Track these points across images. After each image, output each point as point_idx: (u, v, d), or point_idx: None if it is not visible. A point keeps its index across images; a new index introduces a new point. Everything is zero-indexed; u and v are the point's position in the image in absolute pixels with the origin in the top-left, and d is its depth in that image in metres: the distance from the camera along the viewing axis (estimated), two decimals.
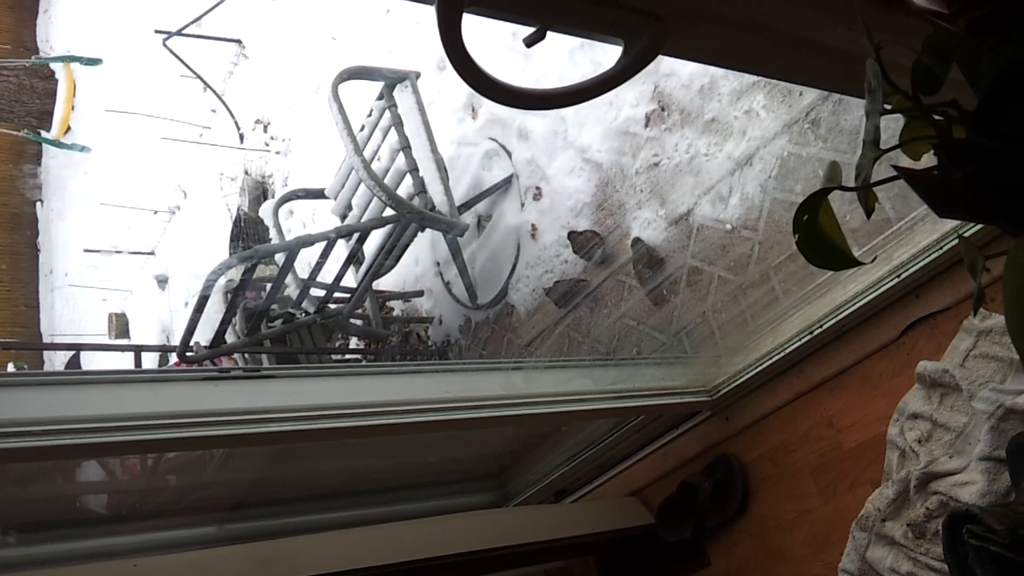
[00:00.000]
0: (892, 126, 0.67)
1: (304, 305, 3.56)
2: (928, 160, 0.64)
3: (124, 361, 6.67)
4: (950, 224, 1.55)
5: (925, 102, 0.62)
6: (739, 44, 0.90)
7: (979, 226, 1.41)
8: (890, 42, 0.64)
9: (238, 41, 6.87)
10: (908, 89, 0.63)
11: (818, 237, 0.66)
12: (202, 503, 2.24)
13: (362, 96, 3.82)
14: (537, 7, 0.78)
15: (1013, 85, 0.54)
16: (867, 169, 0.61)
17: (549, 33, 0.81)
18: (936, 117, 0.59)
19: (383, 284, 4.07)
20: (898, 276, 1.63)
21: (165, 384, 1.47)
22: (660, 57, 0.86)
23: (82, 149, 9.85)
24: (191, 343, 3.28)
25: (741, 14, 0.85)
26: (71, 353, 8.81)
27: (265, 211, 5.41)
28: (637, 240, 2.93)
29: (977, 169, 0.54)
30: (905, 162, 0.66)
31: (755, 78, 2.58)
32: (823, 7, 0.83)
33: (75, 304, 9.53)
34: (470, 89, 0.81)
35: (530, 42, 0.81)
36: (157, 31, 6.32)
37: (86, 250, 8.76)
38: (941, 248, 1.56)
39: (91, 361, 8.54)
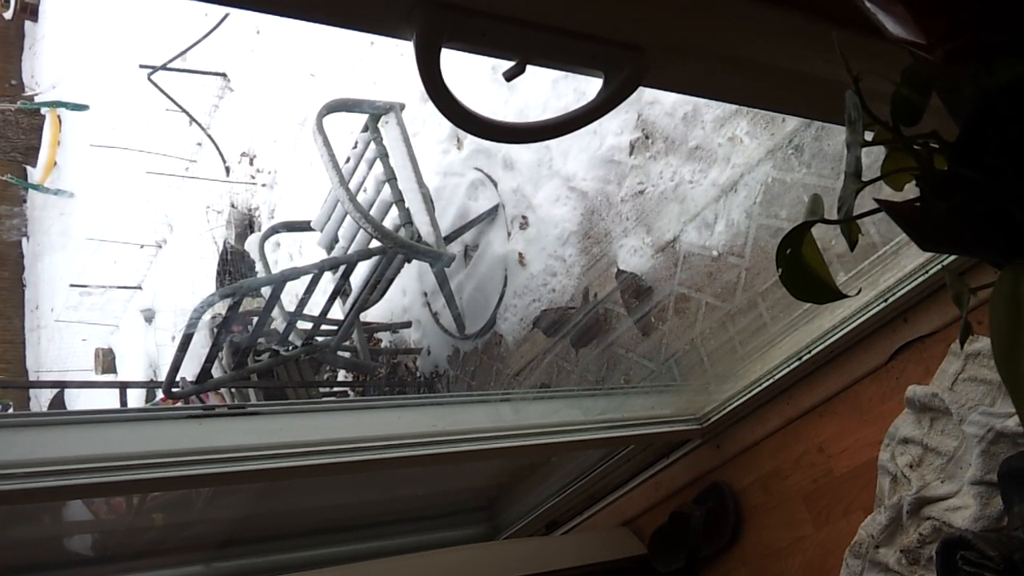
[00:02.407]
0: (875, 152, 0.66)
1: (291, 338, 3.54)
2: (911, 190, 0.64)
3: (110, 398, 6.61)
4: None
5: (905, 133, 0.62)
6: (720, 75, 0.90)
7: None
8: (869, 73, 0.64)
9: (223, 75, 6.89)
10: (888, 120, 0.62)
11: (802, 271, 0.65)
12: (189, 541, 2.20)
13: (347, 128, 3.83)
14: (516, 42, 0.78)
15: (993, 115, 0.53)
16: (849, 201, 0.61)
17: (529, 66, 0.81)
18: (917, 148, 0.59)
19: (370, 316, 4.05)
20: (885, 301, 1.63)
21: (147, 423, 1.44)
22: (642, 87, 0.86)
23: (57, 193, 9.86)
24: (177, 379, 3.25)
25: (721, 46, 0.85)
26: (56, 390, 8.75)
27: (251, 244, 5.39)
28: (620, 271, 2.93)
29: (959, 200, 0.53)
30: (888, 192, 0.66)
31: (737, 106, 2.60)
32: (802, 38, 0.83)
33: (61, 340, 9.46)
34: None
35: (510, 76, 0.80)
36: (142, 66, 6.35)
37: (72, 285, 8.72)
38: (927, 272, 1.56)
39: (77, 398, 8.46)
